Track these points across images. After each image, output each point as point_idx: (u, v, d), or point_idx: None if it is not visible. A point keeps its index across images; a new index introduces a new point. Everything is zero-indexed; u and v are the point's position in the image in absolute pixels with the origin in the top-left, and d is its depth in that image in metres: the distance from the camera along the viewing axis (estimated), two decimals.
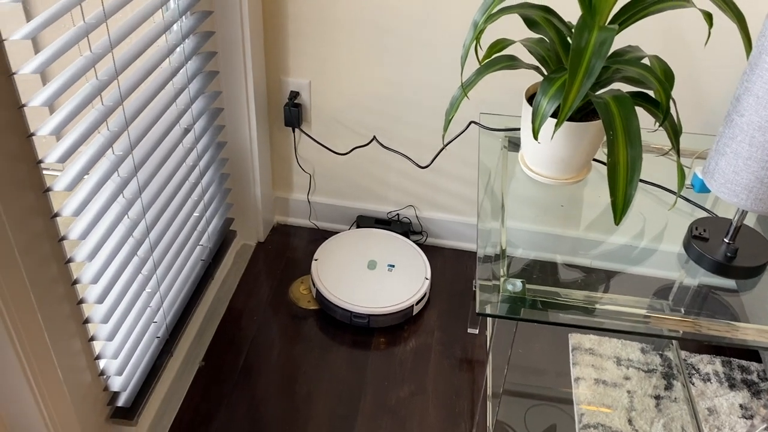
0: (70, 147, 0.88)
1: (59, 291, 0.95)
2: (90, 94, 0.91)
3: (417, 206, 1.72)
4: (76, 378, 1.01)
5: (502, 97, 1.48)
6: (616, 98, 0.95)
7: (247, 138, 1.52)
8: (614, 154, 0.92)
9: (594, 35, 0.87)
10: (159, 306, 1.21)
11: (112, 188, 0.99)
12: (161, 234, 1.16)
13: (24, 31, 0.78)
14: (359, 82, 1.53)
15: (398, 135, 1.60)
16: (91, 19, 0.90)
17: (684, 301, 1.05)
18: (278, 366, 1.42)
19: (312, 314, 1.55)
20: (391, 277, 1.56)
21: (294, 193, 1.76)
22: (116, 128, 0.99)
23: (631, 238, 1.12)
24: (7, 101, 0.78)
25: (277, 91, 1.58)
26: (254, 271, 1.66)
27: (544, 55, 1.07)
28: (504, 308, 0.94)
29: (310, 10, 1.44)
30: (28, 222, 0.85)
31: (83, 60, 0.90)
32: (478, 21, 0.95)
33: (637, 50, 1.06)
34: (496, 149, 1.26)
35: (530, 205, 1.13)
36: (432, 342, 1.50)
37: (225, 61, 1.40)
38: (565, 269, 1.07)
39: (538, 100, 0.95)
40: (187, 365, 1.39)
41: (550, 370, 1.45)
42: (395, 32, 1.44)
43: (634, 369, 1.46)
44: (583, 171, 1.13)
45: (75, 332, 1.00)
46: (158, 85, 1.09)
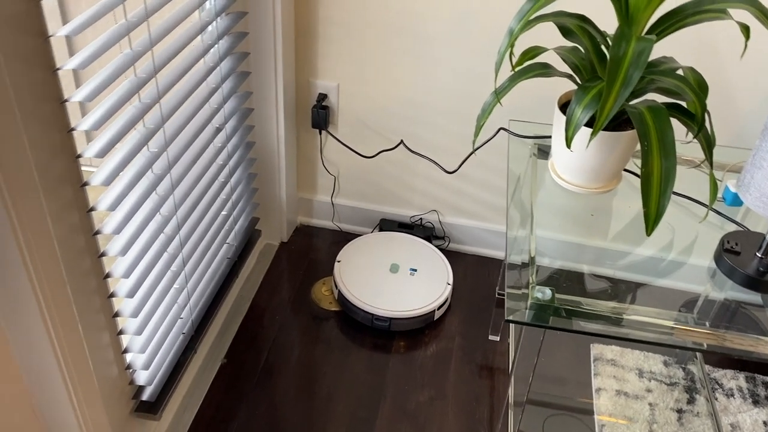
0: (108, 143, 0.89)
1: (91, 284, 0.96)
2: (129, 91, 0.92)
3: (440, 211, 1.72)
4: (104, 370, 1.02)
5: (531, 105, 1.48)
6: (651, 109, 0.95)
7: (274, 139, 1.53)
8: (648, 165, 0.92)
9: (632, 45, 0.87)
10: (186, 302, 1.22)
11: (146, 185, 1.01)
12: (191, 231, 1.18)
13: (69, 27, 0.79)
14: (387, 86, 1.54)
15: (424, 139, 1.60)
16: (132, 18, 0.91)
17: (710, 315, 1.04)
18: (299, 366, 1.43)
19: (333, 315, 1.56)
20: (413, 282, 1.56)
21: (318, 195, 1.77)
22: (152, 125, 1.00)
23: (660, 250, 1.11)
24: (50, 96, 0.80)
25: (305, 93, 1.59)
26: (277, 270, 1.67)
27: (577, 64, 1.07)
28: (532, 316, 0.94)
29: (341, 14, 1.45)
30: (66, 215, 0.86)
31: (123, 57, 0.91)
32: (514, 28, 0.96)
33: (672, 61, 1.06)
34: (524, 156, 1.25)
35: (559, 214, 1.13)
36: (453, 347, 1.50)
37: (257, 62, 1.41)
38: (591, 279, 1.07)
39: (572, 109, 0.95)
40: (209, 362, 1.40)
41: (570, 380, 1.44)
42: (425, 37, 1.45)
43: (657, 381, 1.45)
44: (613, 181, 1.13)
45: (105, 325, 1.01)
46: (193, 84, 1.10)
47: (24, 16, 0.72)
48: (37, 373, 0.89)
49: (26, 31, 0.73)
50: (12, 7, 0.70)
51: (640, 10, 0.94)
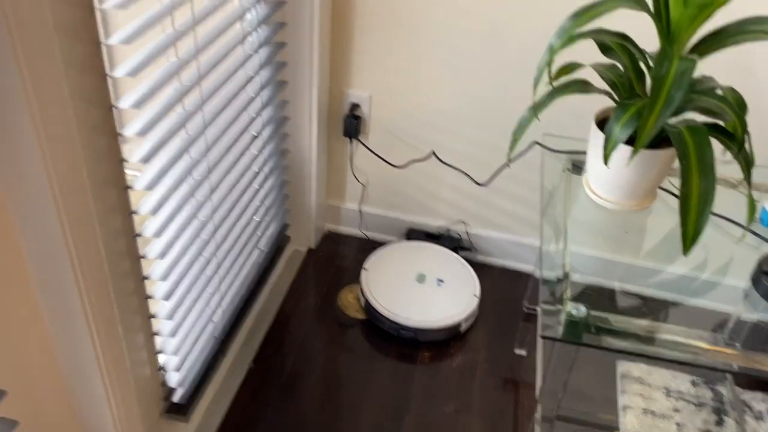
0: (152, 148, 0.91)
1: (130, 285, 0.98)
2: (174, 98, 0.94)
3: (468, 222, 1.72)
4: (138, 371, 1.04)
5: (564, 119, 1.48)
6: (690, 128, 0.95)
7: (307, 147, 1.55)
8: (687, 185, 0.92)
9: (675, 65, 0.87)
10: (218, 306, 1.24)
11: (186, 190, 1.03)
12: (225, 236, 1.19)
13: (121, 35, 0.81)
14: (420, 96, 1.55)
15: (455, 150, 1.61)
16: (179, 27, 0.94)
17: (742, 336, 1.03)
18: (324, 373, 1.44)
19: (359, 323, 1.57)
20: (440, 292, 1.56)
21: (346, 202, 1.78)
22: (194, 132, 1.02)
23: (694, 269, 1.10)
24: (101, 102, 0.82)
25: (338, 102, 1.61)
26: (304, 277, 1.68)
27: (615, 81, 1.07)
28: (566, 332, 0.94)
29: (377, 25, 1.47)
30: (110, 218, 0.88)
31: (170, 65, 0.93)
32: (555, 44, 0.96)
33: (711, 80, 1.05)
34: (558, 171, 1.26)
35: (592, 230, 1.13)
36: (478, 360, 1.50)
37: (293, 72, 1.43)
38: (623, 296, 1.07)
39: (611, 126, 0.95)
40: (237, 366, 1.42)
41: (596, 396, 1.43)
42: (459, 49, 1.46)
43: (684, 401, 1.43)
44: (648, 198, 1.13)
45: (140, 326, 1.03)
46: (233, 92, 1.12)
47: (79, 24, 0.74)
48: (76, 370, 0.91)
49: (81, 39, 0.75)
50: (69, 15, 0.72)
51: (682, 30, 0.94)
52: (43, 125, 0.70)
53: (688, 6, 0.92)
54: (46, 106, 0.70)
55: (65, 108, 0.73)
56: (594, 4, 0.96)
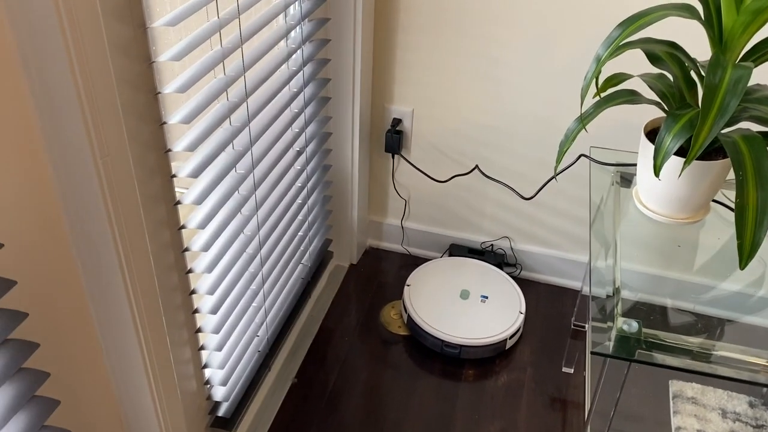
0: (200, 164, 0.92)
1: (177, 299, 0.99)
2: (222, 115, 0.95)
3: (512, 238, 1.70)
4: (184, 384, 1.05)
5: (611, 132, 1.46)
6: (745, 138, 0.92)
7: (349, 162, 1.55)
8: (743, 196, 0.88)
9: (729, 72, 0.84)
10: (263, 320, 1.24)
11: (232, 205, 1.04)
12: (270, 251, 1.20)
13: (171, 53, 0.83)
14: (462, 110, 1.54)
15: (499, 164, 1.59)
16: (227, 44, 0.95)
17: None
18: (367, 390, 1.43)
19: (402, 340, 1.56)
20: (484, 309, 1.54)
21: (388, 218, 1.78)
22: (240, 148, 1.03)
23: (749, 285, 1.06)
24: (151, 118, 0.84)
25: (380, 117, 1.61)
26: (346, 292, 1.68)
27: (664, 91, 1.05)
28: (617, 348, 0.91)
29: (418, 40, 1.47)
30: (159, 233, 0.90)
31: (218, 82, 0.95)
32: (602, 55, 0.95)
33: (766, 89, 1.02)
34: (605, 184, 1.23)
35: (642, 244, 1.10)
36: (524, 378, 1.47)
37: (336, 88, 1.44)
38: (676, 313, 1.03)
39: (662, 137, 0.93)
40: (280, 381, 1.42)
41: (648, 417, 1.39)
42: (501, 62, 1.45)
43: (742, 423, 1.37)
44: (701, 211, 1.09)
45: (187, 340, 1.04)
46: (279, 109, 1.13)
47: (132, 43, 0.76)
48: (126, 382, 0.92)
49: (134, 57, 0.77)
50: (123, 34, 0.74)
51: (735, 37, 0.92)
52: (97, 142, 0.72)
53: (742, 13, 0.89)
54: (100, 123, 0.72)
55: (118, 124, 0.75)
56: (643, 12, 0.94)
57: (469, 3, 1.40)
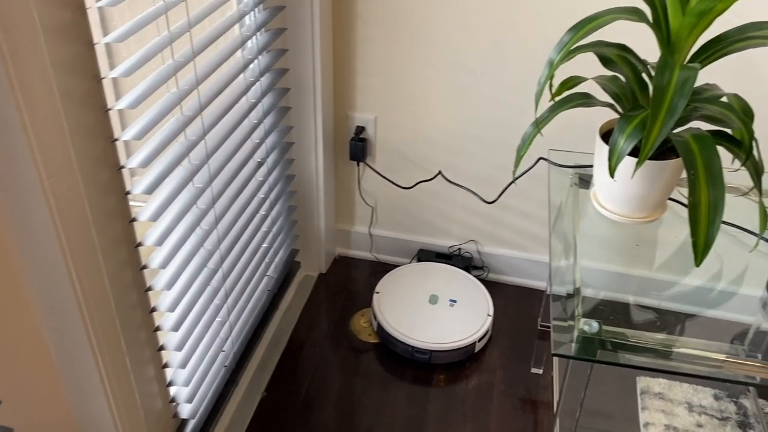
0: (155, 179, 0.91)
1: (137, 318, 0.97)
2: (176, 129, 0.94)
3: (479, 241, 1.71)
4: (148, 404, 1.03)
5: (570, 134, 1.47)
6: (696, 137, 0.94)
7: (313, 171, 1.55)
8: (695, 194, 0.90)
9: (676, 74, 0.86)
10: (228, 335, 1.23)
11: (191, 219, 1.03)
12: (233, 264, 1.19)
13: (119, 70, 0.82)
14: (425, 117, 1.55)
15: (463, 169, 1.60)
16: (179, 57, 0.94)
17: (762, 347, 1.01)
18: (338, 400, 1.42)
19: (372, 347, 1.55)
20: (453, 313, 1.55)
21: (356, 226, 1.77)
22: (197, 161, 1.02)
23: (708, 280, 1.08)
24: (102, 135, 0.82)
25: (343, 126, 1.61)
26: (316, 302, 1.67)
27: (618, 93, 1.07)
28: (579, 349, 0.92)
29: (378, 48, 1.48)
30: (115, 251, 0.88)
31: (170, 95, 0.94)
32: (554, 59, 0.96)
33: (716, 88, 1.04)
34: (565, 186, 1.24)
35: (602, 244, 1.11)
36: (494, 381, 1.48)
37: (297, 97, 1.44)
38: (638, 310, 1.04)
39: (615, 139, 0.94)
40: (249, 395, 1.40)
41: (617, 414, 1.40)
42: (461, 68, 1.46)
43: (707, 416, 1.39)
44: (658, 210, 1.11)
45: (150, 359, 1.03)
46: (236, 120, 1.12)
47: (79, 60, 0.75)
48: (85, 404, 0.90)
49: (81, 74, 0.76)
50: (68, 51, 0.73)
51: (682, 39, 0.93)
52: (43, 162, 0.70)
53: (687, 14, 0.91)
54: (46, 143, 0.70)
55: (64, 143, 0.73)
56: (592, 16, 0.96)
57: (425, 11, 1.41)
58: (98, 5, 0.77)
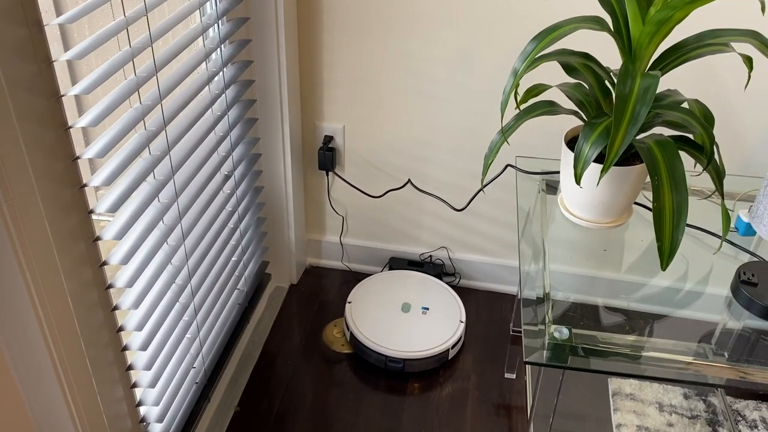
0: (119, 197, 0.89)
1: (104, 338, 0.95)
2: (139, 145, 0.93)
3: (450, 248, 1.71)
4: (118, 424, 1.01)
5: (537, 141, 1.49)
6: (659, 143, 0.95)
7: (282, 182, 1.54)
8: (660, 200, 0.92)
9: (638, 82, 0.87)
10: (198, 352, 1.21)
11: (157, 236, 1.01)
12: (202, 280, 1.17)
13: (79, 87, 0.80)
14: (393, 126, 1.55)
15: (432, 177, 1.61)
16: (141, 72, 0.93)
17: (729, 345, 1.03)
18: (313, 411, 1.41)
19: (346, 358, 1.54)
20: (425, 320, 1.55)
21: (327, 236, 1.76)
22: (162, 177, 1.00)
23: (675, 282, 1.10)
24: (63, 154, 0.80)
25: (311, 136, 1.60)
26: (287, 313, 1.65)
27: (582, 100, 1.08)
28: (550, 356, 0.93)
29: (345, 57, 1.47)
30: (79, 271, 0.86)
31: (133, 112, 0.92)
32: (519, 68, 0.96)
33: (677, 94, 1.06)
34: (533, 192, 1.25)
35: (570, 249, 1.13)
36: (468, 387, 1.48)
37: (263, 108, 1.43)
38: (608, 313, 1.06)
39: (581, 146, 0.95)
40: (222, 410, 1.38)
41: (590, 416, 1.42)
42: (428, 77, 1.47)
43: (678, 415, 1.42)
44: (624, 215, 1.13)
45: (118, 379, 1.00)
46: (202, 134, 1.11)
47: (36, 78, 0.73)
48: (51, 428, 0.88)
49: (39, 92, 0.74)
50: (24, 70, 0.71)
51: (643, 47, 0.95)
52: None
53: (647, 23, 0.93)
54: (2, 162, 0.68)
55: (22, 164, 0.71)
56: (556, 25, 0.97)
57: (391, 21, 1.41)
58: (54, 23, 0.76)
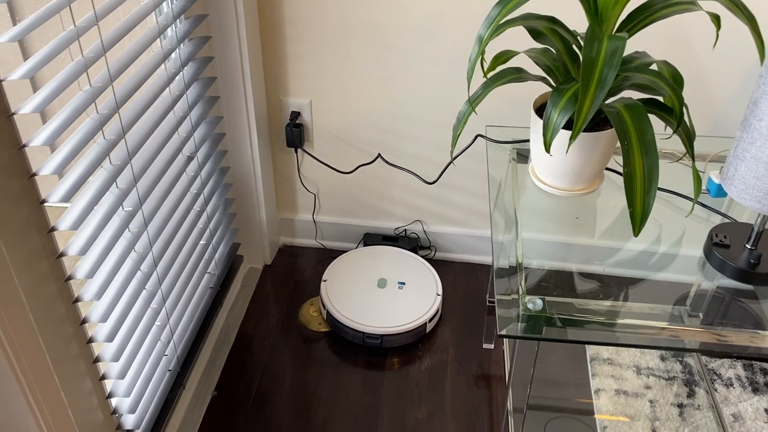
0: (73, 184, 0.85)
1: (68, 331, 0.92)
2: (91, 129, 0.88)
3: (424, 221, 1.69)
4: (88, 418, 0.98)
5: (507, 109, 1.46)
6: (628, 107, 0.93)
7: (249, 161, 1.50)
8: (630, 165, 0.90)
9: (604, 45, 0.85)
10: (169, 339, 1.18)
11: (117, 223, 0.97)
12: (169, 265, 1.14)
13: (22, 70, 0.76)
14: (361, 99, 1.51)
15: (403, 151, 1.58)
16: (89, 53, 0.88)
17: (704, 308, 1.02)
18: (292, 392, 1.40)
19: (323, 336, 1.53)
20: (402, 295, 1.53)
21: (299, 214, 1.73)
22: (119, 162, 0.97)
23: (649, 245, 1.09)
24: (7, 143, 0.76)
25: (277, 112, 1.56)
26: (263, 295, 1.63)
27: (550, 66, 1.05)
28: (525, 328, 0.92)
29: (308, 31, 1.43)
30: (34, 263, 0.82)
31: (83, 95, 0.88)
32: (483, 35, 0.94)
33: (645, 56, 1.04)
34: (504, 162, 1.23)
35: (543, 217, 1.11)
36: (447, 359, 1.48)
37: (225, 85, 1.38)
38: (582, 279, 1.05)
39: (549, 113, 0.93)
40: (199, 396, 1.36)
41: (569, 382, 1.42)
42: (396, 48, 1.43)
43: (655, 377, 1.43)
44: (596, 181, 1.11)
45: (85, 372, 0.97)
46: (159, 115, 1.07)
47: None
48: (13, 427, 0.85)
49: None
50: None
51: (609, 8, 0.93)
52: None
53: None
54: None
55: None
56: None
57: None
58: None
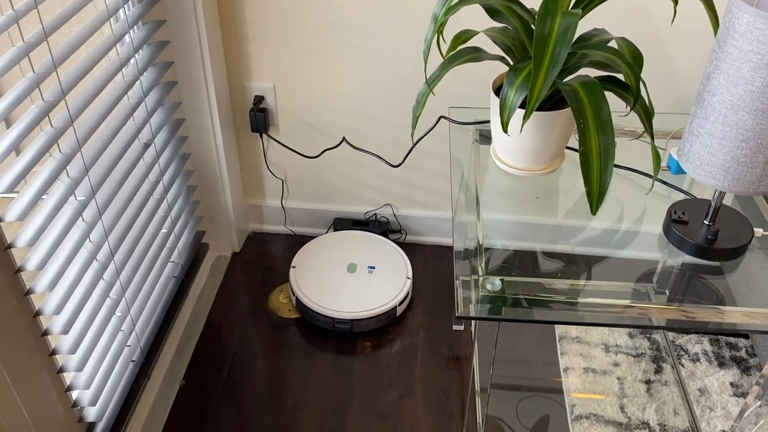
0: (20, 173, 0.83)
1: (20, 324, 0.90)
2: (36, 117, 0.86)
3: (394, 205, 1.69)
4: (46, 412, 0.97)
5: (470, 89, 1.45)
6: (584, 85, 0.93)
7: (212, 147, 1.47)
8: (586, 143, 0.90)
9: (557, 21, 0.84)
10: (131, 329, 1.17)
11: (69, 213, 0.95)
12: (127, 255, 1.12)
13: None
14: (324, 82, 1.49)
15: (369, 134, 1.56)
16: (31, 38, 0.85)
17: (668, 284, 1.03)
18: (262, 379, 1.39)
19: (293, 323, 1.52)
20: (372, 279, 1.53)
21: (267, 200, 1.72)
22: (69, 150, 0.94)
23: (611, 224, 1.09)
24: None
25: (240, 97, 1.54)
26: (231, 283, 1.62)
27: (508, 45, 1.04)
28: (485, 309, 0.91)
29: (269, 13, 1.40)
30: None
31: (26, 81, 0.85)
32: (438, 14, 0.92)
33: (603, 33, 1.04)
34: (467, 143, 1.23)
35: (505, 197, 1.11)
36: (417, 342, 1.48)
37: (183, 70, 1.35)
38: (545, 259, 1.05)
39: (505, 92, 0.92)
40: (167, 386, 1.35)
41: (538, 361, 1.43)
42: (358, 30, 1.41)
43: (623, 354, 1.44)
44: (556, 160, 1.11)
45: (42, 365, 0.96)
46: (112, 101, 1.04)
47: None
48: None
49: None
50: None
51: None
52: None
53: None
54: None
55: None
56: None
57: None
58: None
